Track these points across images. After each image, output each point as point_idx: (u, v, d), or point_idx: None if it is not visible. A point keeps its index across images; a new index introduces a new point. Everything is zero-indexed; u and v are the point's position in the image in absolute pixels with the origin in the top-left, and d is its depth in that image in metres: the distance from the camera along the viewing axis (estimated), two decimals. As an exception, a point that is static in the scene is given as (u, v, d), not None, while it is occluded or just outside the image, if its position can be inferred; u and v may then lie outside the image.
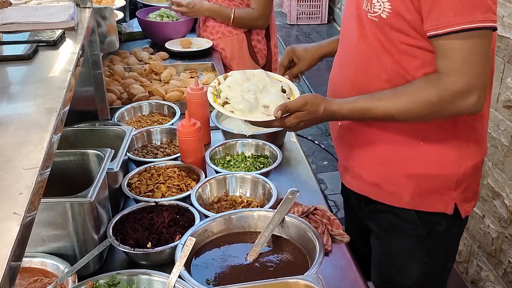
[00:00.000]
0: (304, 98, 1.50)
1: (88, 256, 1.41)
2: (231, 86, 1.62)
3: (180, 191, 1.76)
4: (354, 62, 1.60)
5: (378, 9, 1.45)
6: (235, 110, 1.53)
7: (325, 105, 1.50)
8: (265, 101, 1.55)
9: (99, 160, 1.59)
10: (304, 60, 1.85)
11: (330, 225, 1.69)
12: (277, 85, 1.64)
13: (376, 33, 1.50)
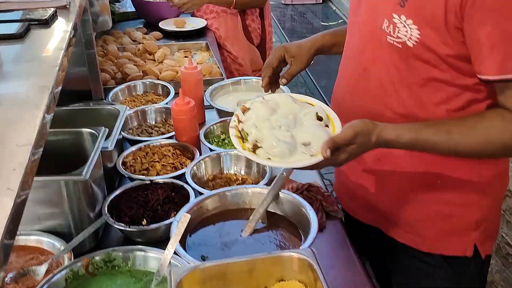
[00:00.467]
0: (353, 128, 1.23)
1: (83, 234, 1.42)
2: (257, 124, 1.31)
3: (175, 169, 1.77)
4: (364, 87, 1.45)
5: (404, 35, 1.27)
6: (272, 157, 1.25)
7: (377, 133, 1.26)
8: (303, 137, 1.29)
9: (94, 138, 1.59)
10: (300, 57, 1.63)
11: (325, 201, 1.70)
12: (310, 113, 1.35)
13: (396, 60, 1.34)
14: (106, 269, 1.35)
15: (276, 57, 1.61)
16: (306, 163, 1.23)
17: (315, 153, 1.23)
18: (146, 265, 1.36)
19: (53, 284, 1.27)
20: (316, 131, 1.29)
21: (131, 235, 1.51)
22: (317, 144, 1.24)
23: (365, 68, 1.42)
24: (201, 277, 1.10)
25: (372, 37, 1.38)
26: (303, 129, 1.31)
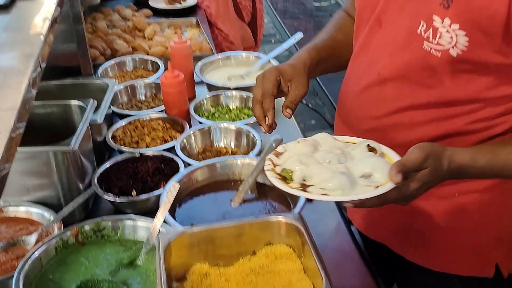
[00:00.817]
0: (422, 149, 1.02)
1: (73, 204, 1.43)
2: (302, 161, 1.08)
3: (165, 143, 1.77)
4: (381, 98, 1.26)
5: (447, 42, 1.09)
6: (329, 191, 1.01)
7: (449, 157, 1.06)
8: (360, 169, 1.05)
9: (82, 111, 1.59)
10: (299, 78, 1.30)
11: (314, 172, 1.71)
12: (359, 146, 1.13)
13: (428, 70, 1.15)
14: (96, 238, 1.36)
15: (273, 84, 1.26)
16: (374, 193, 0.99)
17: (381, 183, 1.01)
18: (135, 234, 1.36)
19: (43, 252, 1.27)
20: (375, 161, 1.06)
21: (121, 206, 1.52)
22: (381, 174, 1.02)
23: (380, 73, 1.25)
24: (189, 241, 1.11)
25: (402, 41, 1.18)
26: (357, 162, 1.07)
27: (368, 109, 1.30)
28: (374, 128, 1.29)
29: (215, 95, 2.05)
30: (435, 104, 1.18)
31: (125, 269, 1.28)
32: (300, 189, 1.02)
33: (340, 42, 1.44)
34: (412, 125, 1.23)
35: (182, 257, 1.10)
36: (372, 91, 1.28)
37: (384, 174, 1.01)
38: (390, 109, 1.24)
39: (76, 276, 1.25)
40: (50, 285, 1.23)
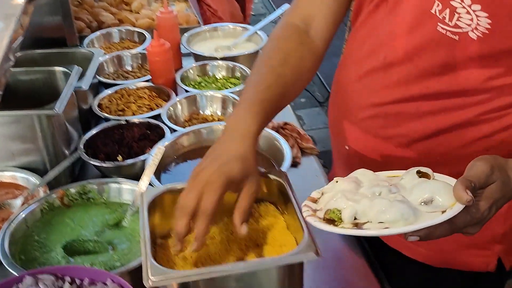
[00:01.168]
0: (486, 161, 0.88)
1: (58, 168, 1.43)
2: (349, 197, 0.90)
3: (151, 111, 1.77)
4: (386, 85, 1.15)
5: (467, 24, 0.98)
6: (390, 224, 0.84)
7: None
8: (417, 196, 0.88)
9: (67, 77, 1.58)
10: (252, 177, 1.00)
11: (300, 139, 1.72)
12: (407, 174, 0.95)
13: (442, 55, 1.04)
14: (82, 201, 1.36)
15: (220, 196, 0.95)
16: (443, 218, 0.83)
17: (446, 207, 0.85)
18: (121, 197, 1.37)
19: (29, 214, 1.28)
20: (432, 185, 0.90)
21: (107, 172, 1.52)
22: (444, 196, 0.86)
23: (386, 56, 1.13)
24: (173, 199, 1.10)
25: (412, 21, 1.06)
26: (412, 190, 0.90)
27: (370, 96, 1.18)
28: (376, 116, 1.18)
29: (202, 64, 2.04)
30: (446, 93, 1.07)
31: (110, 230, 1.29)
32: (353, 228, 0.86)
33: (287, 80, 1.13)
34: (419, 115, 1.12)
35: (166, 215, 1.10)
36: (376, 76, 1.16)
37: (448, 196, 0.85)
38: (396, 97, 1.13)
39: (61, 237, 1.25)
40: (35, 245, 1.23)
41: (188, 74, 2.01)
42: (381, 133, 1.16)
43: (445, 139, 1.11)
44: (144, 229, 0.99)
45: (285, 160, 1.43)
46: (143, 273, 0.89)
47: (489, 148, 1.09)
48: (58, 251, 1.20)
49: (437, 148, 1.12)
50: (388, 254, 1.34)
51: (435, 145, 1.12)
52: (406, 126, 1.14)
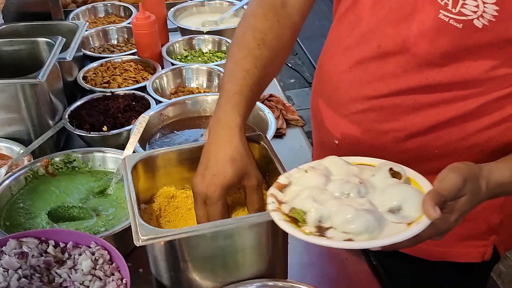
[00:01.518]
0: (459, 173, 0.84)
1: (43, 137, 1.43)
2: (315, 197, 0.86)
3: (137, 83, 1.77)
4: (380, 76, 1.07)
5: (472, 11, 0.90)
6: (354, 235, 0.81)
7: (486, 176, 0.89)
8: (386, 201, 0.85)
9: (51, 48, 1.57)
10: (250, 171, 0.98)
11: (285, 111, 1.73)
12: (379, 170, 0.91)
13: (444, 44, 0.96)
14: (66, 169, 1.37)
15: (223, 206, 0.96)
16: (408, 234, 0.79)
17: (413, 218, 0.82)
18: (105, 165, 1.38)
19: (13, 181, 1.28)
20: (402, 190, 0.86)
21: (92, 142, 1.52)
22: (412, 207, 0.83)
23: (380, 45, 1.05)
24: (155, 164, 1.10)
25: (411, 7, 0.98)
26: (381, 193, 0.87)
27: (363, 88, 1.10)
28: (369, 109, 1.11)
29: (188, 38, 2.04)
30: (447, 84, 1.01)
31: (95, 197, 1.29)
32: (317, 234, 0.82)
33: (265, 61, 1.06)
34: (417, 107, 1.05)
35: (148, 180, 1.11)
36: (369, 67, 1.07)
37: (417, 207, 0.82)
38: (391, 89, 1.05)
39: (46, 204, 1.26)
40: (20, 212, 1.24)
41: (174, 48, 2.01)
42: (376, 127, 1.09)
43: (444, 132, 1.06)
44: (130, 191, 0.99)
45: (269, 129, 1.44)
46: (133, 233, 0.89)
47: (489, 140, 1.05)
48: (42, 217, 1.21)
49: (436, 141, 1.06)
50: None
51: (434, 138, 1.07)
52: (403, 120, 1.07)
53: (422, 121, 1.05)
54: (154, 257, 0.95)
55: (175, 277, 0.95)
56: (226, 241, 0.94)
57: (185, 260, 0.93)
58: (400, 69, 1.03)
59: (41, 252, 1.04)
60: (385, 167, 0.90)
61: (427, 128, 1.06)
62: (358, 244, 0.81)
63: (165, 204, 1.10)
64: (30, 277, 1.00)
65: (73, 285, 1.00)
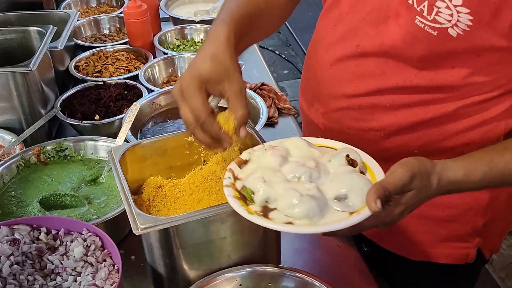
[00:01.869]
0: (408, 168, 0.85)
1: (34, 126, 1.43)
2: (266, 178, 0.88)
3: (129, 72, 1.77)
4: (359, 74, 1.06)
5: (446, 19, 0.89)
6: (294, 219, 0.83)
7: (439, 173, 0.89)
8: (334, 188, 0.87)
9: (42, 37, 1.57)
10: (232, 76, 0.93)
11: (277, 99, 1.73)
12: (337, 156, 0.92)
13: (420, 49, 0.96)
14: (58, 158, 1.37)
15: (201, 101, 0.92)
16: (345, 224, 0.81)
17: (356, 208, 0.84)
18: (97, 154, 1.38)
19: (5, 170, 1.29)
20: (352, 179, 0.87)
21: (84, 131, 1.52)
22: (358, 197, 0.84)
23: (359, 45, 1.04)
24: (141, 154, 1.09)
25: (389, 10, 0.97)
26: (332, 179, 0.88)
27: (343, 86, 1.09)
28: (348, 108, 1.10)
29: (180, 28, 2.04)
30: (425, 87, 1.01)
31: (87, 186, 1.30)
32: (260, 213, 0.85)
33: (261, 9, 1.09)
34: (395, 107, 1.05)
35: (136, 171, 1.10)
36: (348, 65, 1.07)
37: (362, 197, 0.83)
38: (370, 88, 1.05)
39: (38, 192, 1.26)
40: (12, 200, 1.24)
41: (166, 38, 2.01)
42: (356, 126, 1.08)
43: (424, 133, 1.06)
44: (121, 181, 0.99)
45: (261, 118, 1.44)
46: (131, 223, 0.89)
47: (470, 142, 1.05)
48: (34, 205, 1.21)
49: (415, 141, 1.06)
50: (367, 244, 1.30)
51: (413, 138, 1.07)
52: (381, 120, 1.07)
53: (400, 121, 1.05)
54: (149, 245, 0.95)
55: (170, 264, 0.96)
56: (221, 226, 0.94)
57: (180, 247, 0.94)
58: (378, 69, 1.03)
59: (33, 239, 1.05)
60: (343, 154, 0.91)
61: (405, 128, 1.06)
62: (295, 229, 0.83)
63: (153, 194, 1.10)
64: (22, 264, 1.00)
65: (65, 272, 1.01)
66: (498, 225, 1.21)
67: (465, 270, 1.24)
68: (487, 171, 0.91)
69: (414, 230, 1.19)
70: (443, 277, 1.26)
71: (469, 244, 1.19)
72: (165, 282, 0.99)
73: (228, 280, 0.95)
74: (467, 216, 1.15)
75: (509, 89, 1.01)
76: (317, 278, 0.93)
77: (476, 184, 0.92)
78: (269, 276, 0.96)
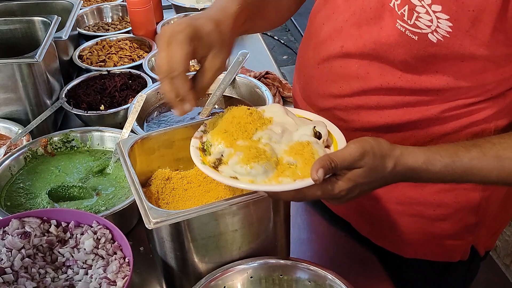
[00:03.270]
0: (360, 145, 0.84)
1: (41, 117, 1.43)
2: (228, 131, 0.92)
3: (132, 61, 1.76)
4: (344, 75, 1.05)
5: (426, 25, 0.88)
6: (239, 175, 0.86)
7: (396, 157, 0.87)
8: (287, 154, 0.89)
9: (46, 27, 1.57)
10: (222, 47, 0.91)
11: (282, 88, 1.73)
12: (305, 126, 0.94)
13: (401, 53, 0.95)
14: (65, 149, 1.37)
15: (185, 54, 0.85)
16: (285, 187, 0.83)
17: (304, 175, 0.85)
18: (104, 144, 1.38)
19: (13, 162, 1.29)
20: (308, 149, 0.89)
21: (89, 121, 1.52)
22: (307, 166, 0.85)
23: (343, 46, 1.03)
24: (149, 146, 1.09)
25: (371, 13, 0.97)
26: (292, 145, 0.90)
27: (329, 85, 1.09)
28: (335, 108, 1.10)
29: (183, 16, 2.03)
30: (409, 89, 0.99)
31: (95, 177, 1.30)
32: (212, 165, 0.89)
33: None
34: (380, 108, 1.04)
35: (144, 163, 1.10)
36: (333, 65, 1.06)
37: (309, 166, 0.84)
38: (354, 89, 1.04)
39: (46, 184, 1.27)
40: (20, 192, 1.24)
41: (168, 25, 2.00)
42: (343, 125, 1.05)
43: (410, 134, 1.05)
44: (131, 175, 0.98)
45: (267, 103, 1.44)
46: (143, 217, 0.89)
47: None
48: (43, 197, 1.21)
49: (402, 142, 1.01)
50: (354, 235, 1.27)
51: (400, 139, 1.04)
52: (367, 120, 1.06)
53: (386, 122, 1.04)
54: (160, 239, 0.96)
55: (181, 257, 0.96)
56: (233, 219, 0.94)
57: (191, 240, 0.94)
58: (362, 71, 1.02)
59: (43, 231, 1.05)
60: (311, 125, 0.93)
61: (391, 129, 1.06)
62: (238, 184, 0.85)
63: (161, 186, 1.10)
64: (33, 257, 1.01)
65: (76, 264, 1.02)
66: (492, 224, 1.20)
67: (460, 267, 1.23)
68: (449, 163, 0.89)
69: (405, 228, 1.17)
70: (438, 274, 1.26)
71: (462, 242, 1.18)
72: (176, 275, 1.00)
73: (239, 272, 0.96)
74: (459, 215, 1.14)
75: (496, 94, 0.99)
76: (330, 271, 0.94)
77: (436, 175, 0.90)
78: (281, 268, 0.97)
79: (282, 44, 5.02)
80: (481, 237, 1.20)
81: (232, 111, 0.95)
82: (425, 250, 1.21)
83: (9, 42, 1.60)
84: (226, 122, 0.94)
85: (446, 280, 1.27)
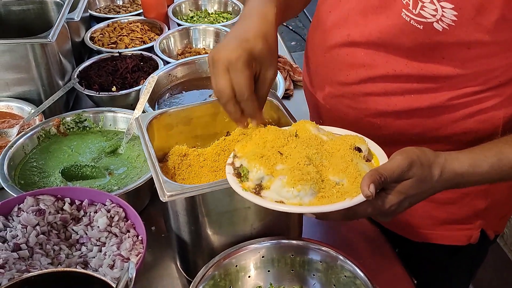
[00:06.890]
0: (407, 156, 0.82)
1: (53, 97, 1.44)
2: (264, 156, 0.88)
3: (144, 44, 1.77)
4: (351, 63, 1.05)
5: (431, 14, 0.89)
6: (285, 199, 0.82)
7: (442, 164, 0.85)
8: (332, 172, 0.85)
9: (59, 8, 1.57)
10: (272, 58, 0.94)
11: (293, 72, 1.73)
12: (343, 142, 0.90)
13: (407, 42, 0.95)
14: (78, 129, 1.38)
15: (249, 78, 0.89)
16: (336, 207, 0.79)
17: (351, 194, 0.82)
18: (116, 125, 1.39)
19: (26, 141, 1.30)
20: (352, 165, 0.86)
21: (101, 102, 1.53)
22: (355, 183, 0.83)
23: (350, 34, 1.04)
24: (167, 122, 1.11)
25: (376, 2, 0.97)
26: (333, 162, 0.87)
27: (336, 73, 1.09)
28: (343, 96, 1.10)
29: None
30: (416, 77, 0.99)
31: (107, 157, 1.31)
32: (251, 190, 0.85)
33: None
34: (388, 95, 1.04)
35: (162, 139, 1.12)
36: (340, 53, 1.07)
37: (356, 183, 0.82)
38: (361, 77, 1.05)
39: (59, 163, 1.28)
40: (34, 170, 1.26)
41: (180, 9, 2.00)
42: (352, 112, 1.08)
43: (418, 121, 1.05)
44: (149, 149, 0.99)
45: (278, 90, 1.45)
46: (158, 190, 0.90)
47: (467, 132, 1.04)
48: (56, 176, 1.22)
49: (411, 129, 1.05)
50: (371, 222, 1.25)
51: (408, 126, 1.06)
52: (375, 108, 1.06)
53: (393, 109, 1.04)
54: (175, 213, 0.97)
55: (195, 231, 0.97)
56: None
57: (205, 215, 0.95)
58: (368, 59, 1.02)
59: (58, 209, 1.07)
60: (349, 141, 0.90)
61: (399, 116, 1.05)
62: (286, 208, 0.81)
63: (178, 162, 1.11)
64: (47, 234, 1.02)
65: (89, 242, 1.03)
66: (501, 208, 1.20)
67: (469, 250, 1.23)
68: (495, 162, 0.88)
69: (413, 213, 1.15)
70: (447, 257, 1.26)
71: (471, 226, 1.19)
72: (189, 250, 1.01)
73: (251, 251, 0.97)
74: (466, 199, 1.14)
75: (504, 80, 0.99)
76: (342, 252, 0.94)
77: (484, 176, 0.88)
78: (293, 249, 0.97)
79: (290, 30, 5.01)
80: (491, 221, 1.20)
81: (262, 134, 0.93)
82: (433, 234, 1.21)
83: (22, 23, 1.60)
84: (259, 147, 0.91)
85: (454, 263, 1.28)
